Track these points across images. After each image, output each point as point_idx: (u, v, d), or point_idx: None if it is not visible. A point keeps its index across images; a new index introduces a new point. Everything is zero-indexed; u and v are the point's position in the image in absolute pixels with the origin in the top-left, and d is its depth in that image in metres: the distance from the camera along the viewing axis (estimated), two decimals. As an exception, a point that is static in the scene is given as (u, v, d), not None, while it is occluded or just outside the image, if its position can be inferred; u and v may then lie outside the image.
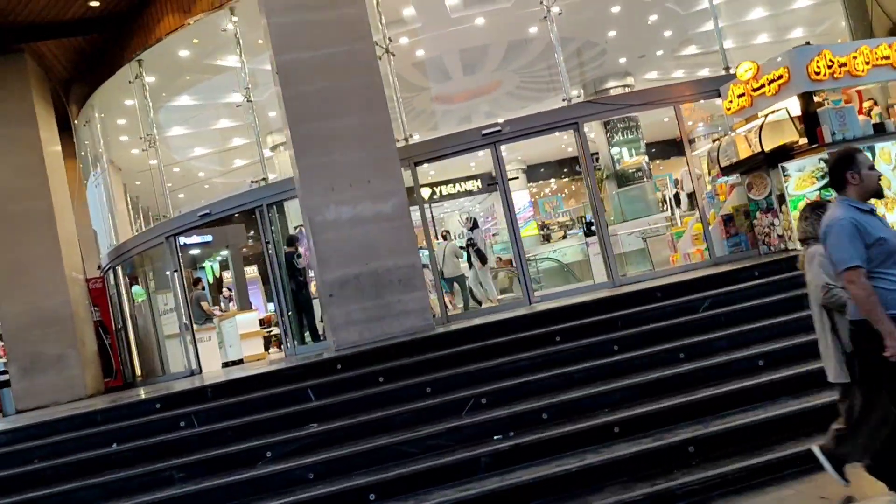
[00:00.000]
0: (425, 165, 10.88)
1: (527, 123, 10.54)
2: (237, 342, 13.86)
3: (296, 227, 11.98)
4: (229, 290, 15.34)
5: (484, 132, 10.39)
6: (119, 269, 14.27)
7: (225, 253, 15.12)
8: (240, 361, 13.70)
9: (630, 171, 19.76)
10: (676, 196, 18.66)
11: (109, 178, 14.67)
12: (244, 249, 16.36)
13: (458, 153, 10.66)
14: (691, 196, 19.90)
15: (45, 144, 13.02)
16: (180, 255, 12.63)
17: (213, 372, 12.16)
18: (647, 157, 22.14)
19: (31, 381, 12.29)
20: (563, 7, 13.53)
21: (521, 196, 22.81)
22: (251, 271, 17.16)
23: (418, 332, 8.41)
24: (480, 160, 23.19)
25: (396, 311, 8.50)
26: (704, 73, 14.21)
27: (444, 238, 14.11)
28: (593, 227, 12.91)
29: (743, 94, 10.02)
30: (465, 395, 6.39)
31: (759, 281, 7.91)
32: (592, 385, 6.34)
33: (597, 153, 22.35)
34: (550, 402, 6.09)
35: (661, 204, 19.03)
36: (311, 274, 11.84)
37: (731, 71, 10.75)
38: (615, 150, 21.51)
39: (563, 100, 10.67)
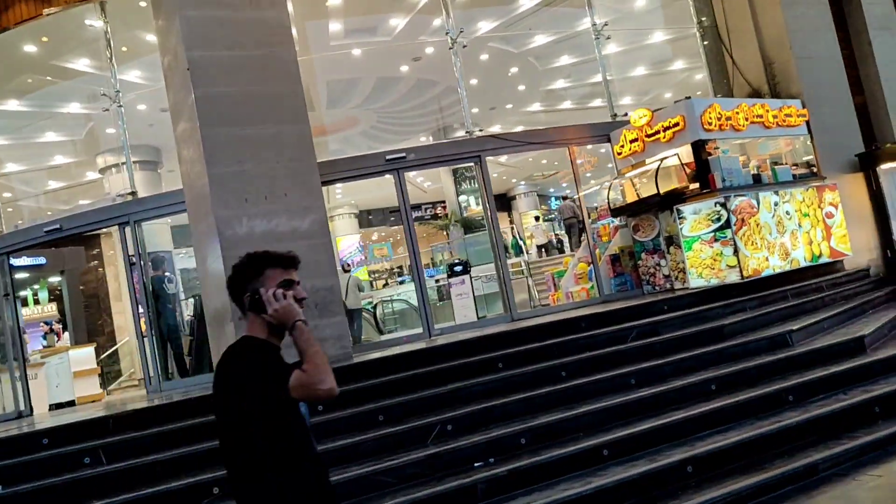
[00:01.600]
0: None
1: (431, 152, 10.36)
2: (68, 381, 12.13)
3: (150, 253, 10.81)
4: (58, 322, 13.40)
5: (388, 157, 10.03)
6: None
7: (56, 279, 13.23)
8: (71, 403, 11.97)
9: (477, 218, 20.23)
10: (516, 244, 19.39)
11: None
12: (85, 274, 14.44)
13: (359, 177, 10.19)
14: (543, 246, 20.81)
15: None
16: (11, 276, 10.84)
17: (43, 414, 10.48)
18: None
19: None
20: (435, 48, 13.71)
21: (351, 240, 22.61)
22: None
23: (336, 360, 7.73)
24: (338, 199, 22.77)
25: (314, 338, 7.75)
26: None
27: (346, 270, 13.46)
28: (458, 269, 12.88)
29: (636, 140, 10.54)
30: (426, 422, 5.89)
31: (673, 314, 8.18)
32: (555, 410, 6.11)
33: (443, 200, 22.78)
34: (522, 426, 5.77)
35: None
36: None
37: (619, 118, 11.31)
38: (462, 197, 21.99)
39: (466, 132, 10.61)
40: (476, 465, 5.38)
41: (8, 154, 15.96)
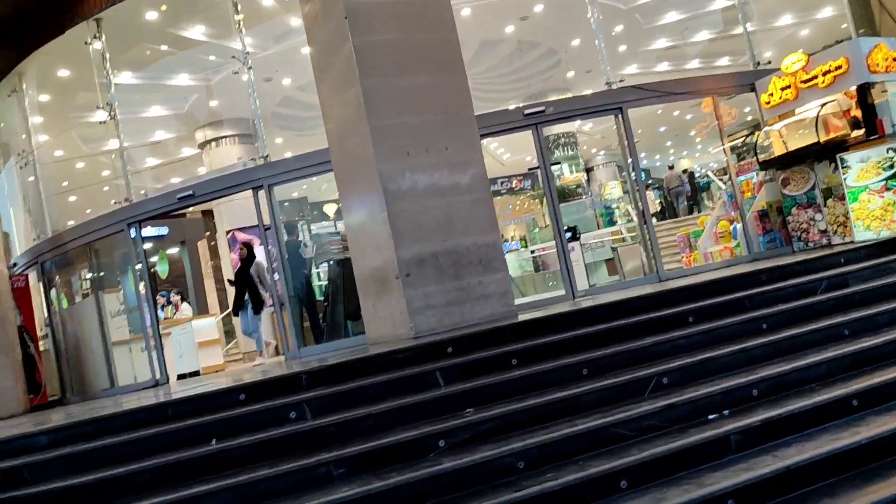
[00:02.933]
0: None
1: (570, 105, 9.89)
2: (192, 352, 12.11)
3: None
4: (176, 293, 13.43)
5: (526, 112, 9.62)
6: (49, 265, 12.09)
7: (173, 250, 13.23)
8: (196, 373, 11.96)
9: (571, 187, 19.71)
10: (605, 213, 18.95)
11: (35, 162, 12.49)
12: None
13: (494, 134, 9.81)
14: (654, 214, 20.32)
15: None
16: (143, 245, 10.82)
17: (174, 383, 10.46)
18: (585, 175, 22.26)
19: (-51, 395, 9.97)
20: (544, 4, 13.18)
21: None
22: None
23: (500, 318, 7.41)
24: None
25: (477, 295, 7.46)
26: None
27: None
28: (577, 234, 12.46)
29: (788, 87, 9.89)
30: (637, 375, 5.50)
31: (855, 266, 7.59)
32: (776, 362, 5.66)
33: (536, 168, 22.27)
34: (748, 378, 5.33)
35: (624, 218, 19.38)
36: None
37: (760, 67, 10.66)
38: (555, 167, 21.47)
39: (606, 83, 10.12)
40: (710, 417, 4.98)
41: (112, 129, 16.03)
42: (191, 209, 12.98)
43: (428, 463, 4.60)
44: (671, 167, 19.43)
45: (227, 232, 15.65)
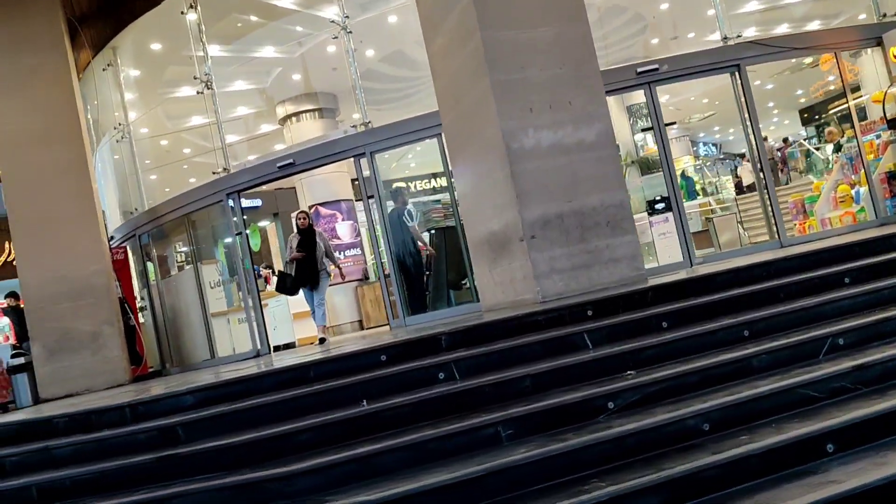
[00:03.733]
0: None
1: (685, 63, 9.40)
2: (288, 324, 12.04)
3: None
4: (266, 267, 13.42)
5: (639, 70, 9.17)
6: (146, 238, 12.16)
7: (264, 223, 13.18)
8: (292, 345, 11.90)
9: (654, 158, 19.04)
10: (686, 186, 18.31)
11: (132, 135, 12.55)
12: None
13: (609, 93, 9.36)
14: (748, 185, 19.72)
15: (74, 77, 10.90)
16: (243, 215, 10.75)
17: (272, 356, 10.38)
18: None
19: (58, 364, 10.10)
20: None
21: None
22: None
23: (630, 283, 7.03)
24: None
25: (605, 259, 7.10)
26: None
27: None
28: (660, 206, 11.89)
29: (924, 38, 9.21)
30: (808, 336, 5.09)
31: None
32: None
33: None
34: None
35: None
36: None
37: (888, 18, 9.97)
38: (639, 136, 20.79)
39: (723, 38, 9.58)
40: (903, 379, 4.56)
41: (195, 106, 16.04)
42: (282, 181, 12.90)
43: (601, 425, 4.30)
44: (765, 138, 18.74)
45: (310, 207, 15.58)
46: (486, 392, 4.81)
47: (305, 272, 9.58)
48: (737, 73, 9.39)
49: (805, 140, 20.06)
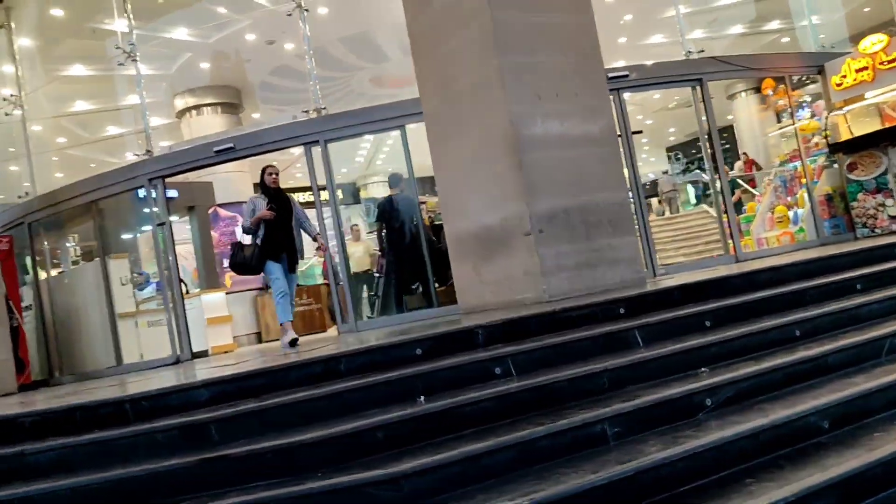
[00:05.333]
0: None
1: (650, 73, 9.37)
2: (200, 329, 10.88)
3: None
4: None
5: (610, 76, 9.02)
6: (37, 227, 10.59)
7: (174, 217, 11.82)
8: (205, 353, 10.76)
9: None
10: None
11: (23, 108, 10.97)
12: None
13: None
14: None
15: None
16: (168, 203, 9.57)
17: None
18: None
19: (-69, 370, 8.44)
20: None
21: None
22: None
23: (630, 285, 6.76)
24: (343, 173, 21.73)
25: (608, 259, 6.78)
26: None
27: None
28: None
29: (864, 69, 9.72)
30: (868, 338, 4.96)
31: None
32: None
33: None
34: None
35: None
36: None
37: (834, 49, 10.51)
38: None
39: (685, 53, 9.66)
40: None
41: (81, 88, 14.48)
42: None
43: (712, 423, 3.88)
44: (665, 172, 20.04)
45: (209, 208, 14.37)
46: (563, 388, 4.27)
47: (279, 243, 7.45)
48: (698, 87, 9.47)
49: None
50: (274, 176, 7.70)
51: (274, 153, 10.40)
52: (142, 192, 9.99)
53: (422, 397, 4.18)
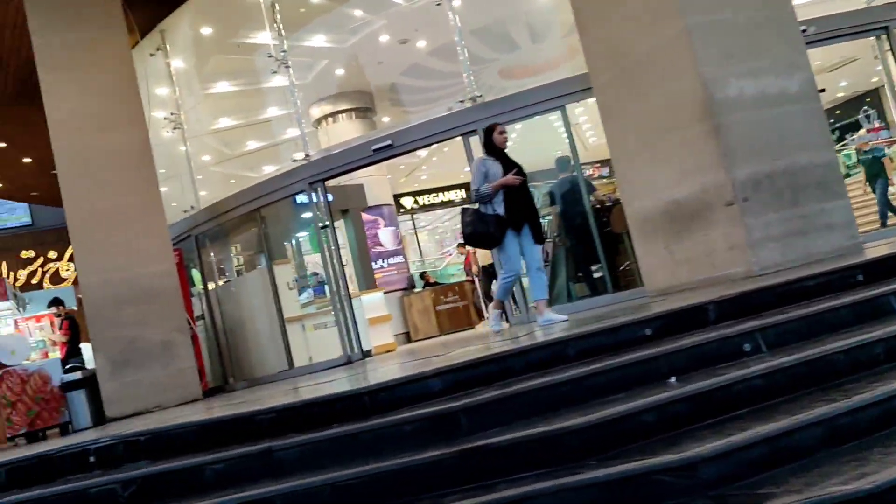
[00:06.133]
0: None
1: (829, 25, 8.58)
2: (363, 330, 10.85)
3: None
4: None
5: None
6: (203, 238, 10.94)
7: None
8: (368, 354, 10.72)
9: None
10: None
11: (183, 126, 11.38)
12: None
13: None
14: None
15: (132, 56, 9.72)
16: (329, 205, 9.61)
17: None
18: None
19: (125, 378, 8.78)
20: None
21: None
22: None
23: (846, 253, 6.12)
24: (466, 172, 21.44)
25: (819, 225, 6.16)
26: None
27: None
28: None
29: None
30: None
31: None
32: None
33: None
34: None
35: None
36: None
37: None
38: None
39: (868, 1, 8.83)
40: None
41: (227, 105, 14.90)
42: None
43: None
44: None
45: (362, 209, 14.50)
46: (837, 361, 3.78)
47: (521, 211, 6.46)
48: (884, 36, 8.61)
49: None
50: (505, 135, 6.77)
51: (401, 156, 10.35)
52: (301, 198, 10.13)
53: (673, 378, 3.81)
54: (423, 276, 16.31)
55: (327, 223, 9.40)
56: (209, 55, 12.77)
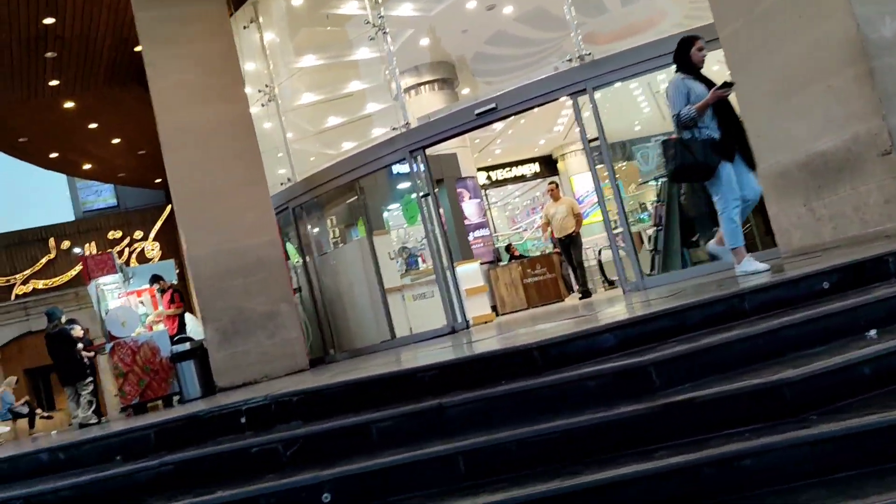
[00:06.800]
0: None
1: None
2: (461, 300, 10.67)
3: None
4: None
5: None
6: (299, 211, 10.91)
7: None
8: (465, 325, 10.54)
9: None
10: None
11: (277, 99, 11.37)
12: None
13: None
14: None
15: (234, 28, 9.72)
16: (430, 172, 9.44)
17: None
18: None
19: (234, 349, 8.84)
20: None
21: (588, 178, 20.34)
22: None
23: None
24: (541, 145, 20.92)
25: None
26: None
27: None
28: None
29: None
30: None
31: None
32: None
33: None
34: None
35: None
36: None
37: None
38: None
39: None
40: None
41: (312, 78, 14.83)
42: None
43: None
44: None
45: (456, 179, 14.28)
46: None
47: (732, 134, 5.77)
48: None
49: None
50: (704, 53, 5.92)
51: (476, 130, 10.07)
52: (397, 168, 10.01)
53: (873, 331, 3.49)
54: (508, 248, 16.06)
55: (428, 192, 9.22)
56: (299, 27, 12.71)
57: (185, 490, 3.83)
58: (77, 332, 10.49)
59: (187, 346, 9.27)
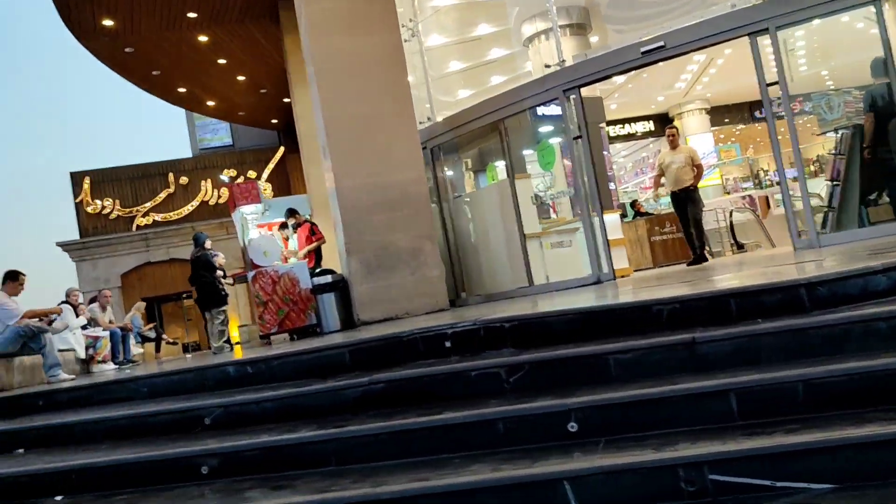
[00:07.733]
0: None
1: None
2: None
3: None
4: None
5: None
6: (438, 152, 10.70)
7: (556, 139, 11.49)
8: (612, 276, 10.15)
9: None
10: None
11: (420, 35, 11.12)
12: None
13: None
14: None
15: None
16: (584, 113, 9.05)
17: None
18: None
19: (377, 283, 8.77)
20: None
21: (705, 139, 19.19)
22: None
23: None
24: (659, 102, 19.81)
25: None
26: None
27: None
28: None
29: None
30: None
31: None
32: None
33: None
34: None
35: None
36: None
37: None
38: None
39: None
40: None
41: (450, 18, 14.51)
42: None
43: None
44: None
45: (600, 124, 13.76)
46: None
47: None
48: None
49: None
50: None
51: (599, 83, 9.43)
52: (541, 110, 9.65)
53: None
54: (633, 204, 15.51)
55: (581, 134, 8.84)
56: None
57: (402, 410, 3.69)
58: (220, 259, 10.67)
59: (328, 278, 9.27)
